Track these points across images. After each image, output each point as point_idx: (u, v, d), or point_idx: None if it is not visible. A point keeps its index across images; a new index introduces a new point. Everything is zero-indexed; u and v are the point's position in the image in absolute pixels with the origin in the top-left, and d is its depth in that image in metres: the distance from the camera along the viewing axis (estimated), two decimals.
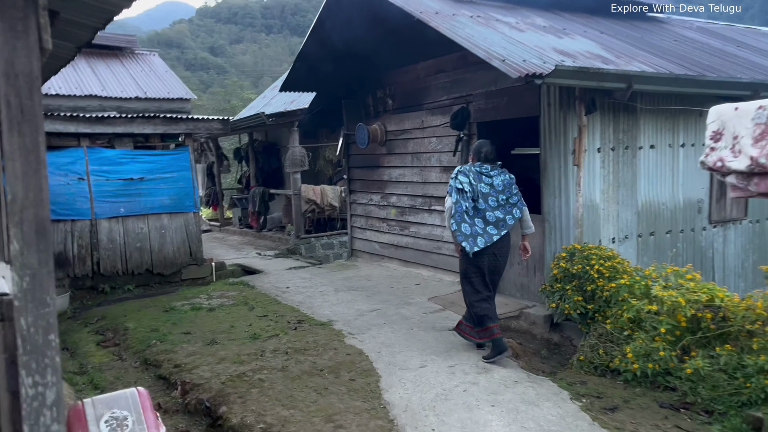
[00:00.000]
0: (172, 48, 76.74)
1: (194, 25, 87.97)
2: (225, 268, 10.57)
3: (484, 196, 5.40)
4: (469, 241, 5.29)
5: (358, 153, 10.44)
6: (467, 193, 5.32)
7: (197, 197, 10.13)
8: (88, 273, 9.22)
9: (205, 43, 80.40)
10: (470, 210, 5.34)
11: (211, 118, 10.05)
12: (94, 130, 9.10)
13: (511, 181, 5.56)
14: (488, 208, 5.37)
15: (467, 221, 5.32)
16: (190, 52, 75.77)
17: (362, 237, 10.65)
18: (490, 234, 5.34)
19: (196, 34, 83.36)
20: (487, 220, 5.37)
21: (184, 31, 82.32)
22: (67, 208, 9.04)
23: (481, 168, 5.50)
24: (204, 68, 70.70)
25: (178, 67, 70.35)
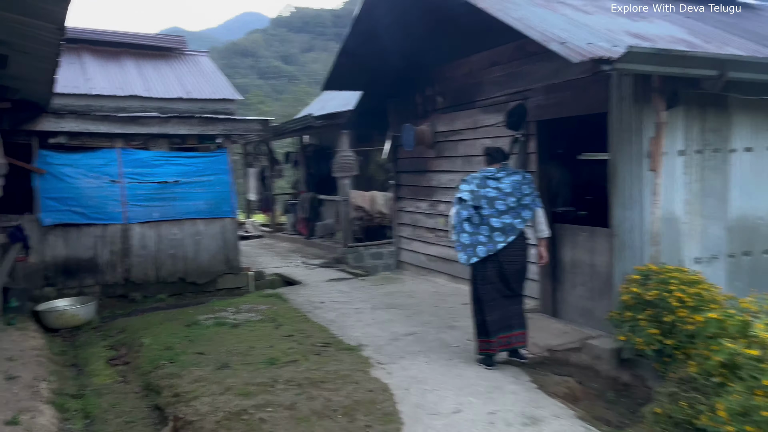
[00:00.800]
0: (247, 57, 78.83)
1: (268, 34, 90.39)
2: (264, 278, 9.96)
3: (490, 201, 5.18)
4: (467, 251, 5.23)
5: (405, 156, 9.60)
6: (467, 201, 5.21)
7: (235, 202, 9.58)
8: (118, 280, 8.79)
9: (278, 52, 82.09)
10: (474, 217, 5.20)
11: (250, 119, 9.48)
12: (128, 131, 8.68)
13: (524, 181, 5.29)
14: (494, 213, 5.16)
15: (467, 230, 5.22)
16: (263, 61, 77.55)
17: (409, 248, 9.80)
18: (496, 241, 5.14)
19: (269, 43, 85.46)
20: (493, 226, 5.15)
21: (259, 41, 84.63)
22: (99, 212, 8.65)
23: (485, 172, 5.36)
24: (276, 76, 72.14)
25: (252, 76, 72.08)
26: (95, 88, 10.46)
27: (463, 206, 5.25)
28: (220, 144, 9.56)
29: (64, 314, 7.67)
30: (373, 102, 9.68)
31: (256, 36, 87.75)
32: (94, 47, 12.07)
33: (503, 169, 5.36)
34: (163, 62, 12.34)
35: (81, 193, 8.51)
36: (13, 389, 4.97)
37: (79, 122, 8.34)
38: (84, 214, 8.56)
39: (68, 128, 8.28)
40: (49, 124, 8.18)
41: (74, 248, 8.52)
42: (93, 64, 11.40)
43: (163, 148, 9.09)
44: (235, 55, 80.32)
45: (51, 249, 8.40)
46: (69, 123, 8.29)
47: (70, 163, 8.48)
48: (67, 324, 7.66)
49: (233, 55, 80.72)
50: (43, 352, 6.25)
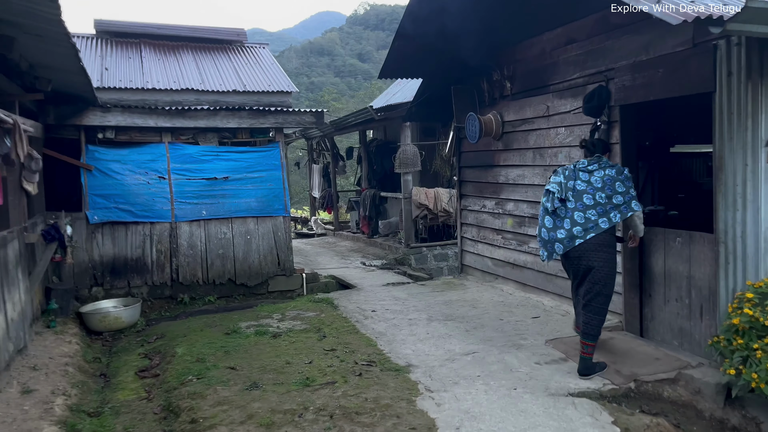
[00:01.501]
0: (323, 56, 79.75)
1: (344, 32, 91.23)
2: (318, 280, 9.37)
3: (577, 195, 4.84)
4: (547, 247, 4.96)
5: (470, 150, 8.72)
6: (554, 193, 4.90)
7: (287, 199, 9.02)
8: (166, 281, 8.42)
9: (354, 50, 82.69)
10: (560, 210, 4.87)
11: (302, 111, 8.88)
12: (175, 124, 8.28)
13: (618, 177, 4.82)
14: (578, 207, 4.81)
15: (547, 225, 4.94)
16: (339, 59, 78.18)
17: (473, 251, 8.91)
18: (574, 237, 4.79)
19: (345, 41, 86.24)
20: (575, 220, 4.80)
21: (335, 39, 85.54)
22: (146, 210, 8.30)
23: (578, 163, 4.99)
24: (352, 74, 72.50)
25: (328, 74, 72.83)
26: (150, 81, 10.20)
27: (549, 198, 4.93)
28: (272, 138, 9.02)
29: (107, 317, 7.34)
30: (435, 90, 8.86)
31: (333, 34, 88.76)
32: (154, 42, 11.90)
33: (597, 161, 4.92)
34: (222, 55, 12.01)
35: (128, 190, 8.18)
36: (24, 405, 4.54)
37: (125, 116, 8.01)
38: (131, 212, 8.23)
39: (114, 122, 7.96)
40: (94, 118, 7.88)
41: (122, 247, 8.21)
42: (151, 58, 11.19)
43: (212, 142, 8.65)
44: (312, 53, 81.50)
45: (99, 248, 8.12)
46: (115, 117, 7.96)
47: (117, 158, 8.17)
48: (110, 327, 7.33)
49: (310, 54, 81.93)
50: (74, 359, 5.86)
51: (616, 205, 4.75)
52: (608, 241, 4.79)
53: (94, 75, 10.04)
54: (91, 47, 11.15)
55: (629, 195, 4.79)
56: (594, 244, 4.74)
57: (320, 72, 74.75)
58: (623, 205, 4.77)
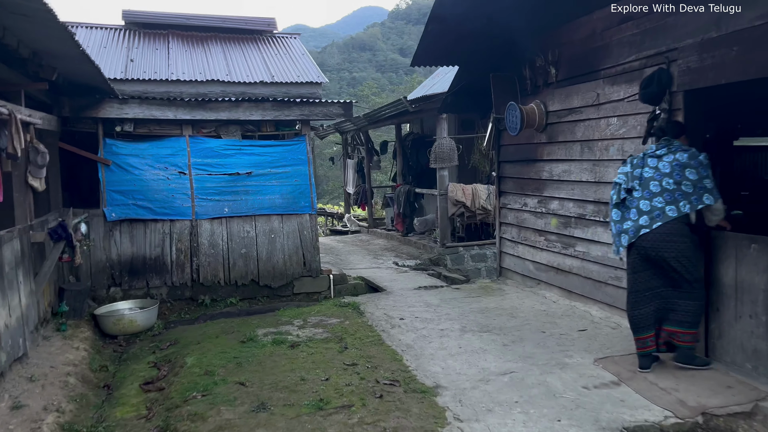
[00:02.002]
0: (365, 51, 79.59)
1: (386, 27, 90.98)
2: (346, 282, 8.83)
3: (644, 183, 4.60)
4: (615, 241, 4.80)
5: (510, 143, 8.02)
6: (620, 185, 4.73)
7: (314, 196, 8.49)
8: (186, 281, 8.02)
9: (395, 45, 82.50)
10: (628, 201, 4.68)
11: (330, 102, 8.34)
12: (195, 117, 7.84)
13: (690, 163, 4.45)
14: (645, 196, 4.57)
15: (614, 218, 4.78)
16: (381, 54, 77.81)
17: (513, 253, 8.22)
18: (639, 226, 4.56)
19: (387, 36, 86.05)
20: (641, 209, 4.58)
21: (377, 34, 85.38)
22: (166, 207, 7.90)
23: (647, 150, 4.74)
24: (393, 69, 72.10)
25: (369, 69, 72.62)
26: (175, 73, 9.83)
27: (616, 190, 4.76)
28: (299, 131, 8.51)
29: (121, 320, 6.96)
30: (473, 79, 8.18)
31: (374, 30, 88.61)
32: (182, 33, 11.55)
33: (666, 145, 4.63)
34: (251, 46, 11.58)
35: (147, 185, 7.79)
36: (10, 424, 4.12)
37: (143, 107, 7.61)
38: (150, 208, 7.84)
39: (132, 114, 7.57)
40: (111, 110, 7.50)
41: (140, 246, 7.83)
42: (178, 49, 10.83)
43: (235, 136, 8.19)
44: (354, 49, 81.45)
45: (116, 246, 7.76)
46: (132, 108, 7.57)
47: (136, 152, 7.79)
48: (124, 330, 6.95)
49: (352, 49, 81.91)
50: (78, 368, 5.47)
51: (685, 194, 4.41)
52: (680, 230, 4.46)
53: (118, 67, 9.73)
54: (118, 39, 10.86)
55: (702, 185, 4.40)
56: (662, 233, 4.45)
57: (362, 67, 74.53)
58: (693, 195, 4.41)
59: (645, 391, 4.29)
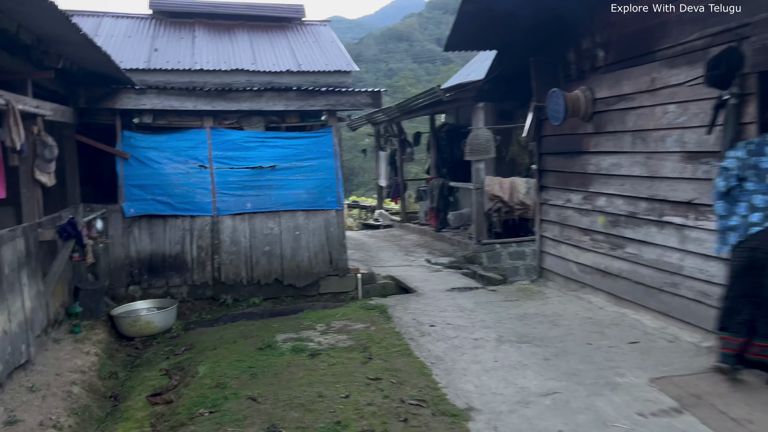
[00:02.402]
0: (402, 42, 78.91)
1: (423, 18, 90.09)
2: (374, 281, 8.35)
3: (761, 174, 4.06)
4: (719, 237, 4.31)
5: (552, 133, 7.40)
6: (730, 170, 4.21)
7: (341, 191, 8.03)
8: (207, 280, 7.66)
9: (433, 35, 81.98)
10: (736, 192, 4.18)
11: (357, 91, 7.84)
12: (215, 107, 7.45)
13: None
14: (761, 189, 4.07)
15: (719, 212, 4.28)
16: (417, 45, 77.03)
17: (554, 252, 7.61)
18: (750, 224, 4.07)
19: (424, 26, 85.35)
20: (754, 204, 4.10)
21: (414, 25, 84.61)
22: (186, 202, 7.54)
23: (766, 135, 4.16)
24: (430, 60, 71.37)
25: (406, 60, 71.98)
26: (199, 62, 9.47)
27: (724, 176, 4.24)
28: (325, 122, 8.04)
29: (138, 321, 6.64)
30: (511, 64, 7.58)
31: (411, 20, 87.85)
32: (208, 21, 11.19)
33: None
34: (278, 34, 11.15)
35: (167, 180, 7.44)
36: None
37: (161, 98, 7.25)
38: (170, 204, 7.49)
39: (150, 105, 7.21)
40: (128, 100, 7.16)
41: (159, 243, 7.50)
42: (204, 38, 10.47)
43: (258, 127, 7.77)
44: (391, 40, 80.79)
45: (135, 243, 7.45)
46: (150, 99, 7.21)
47: (154, 145, 7.44)
48: (141, 332, 6.63)
49: (388, 40, 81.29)
50: (86, 375, 5.13)
51: None
52: None
53: (141, 56, 9.42)
54: (143, 28, 10.56)
55: None
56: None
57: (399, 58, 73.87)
58: None
59: (713, 421, 3.69)
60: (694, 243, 5.12)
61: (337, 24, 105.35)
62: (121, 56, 9.24)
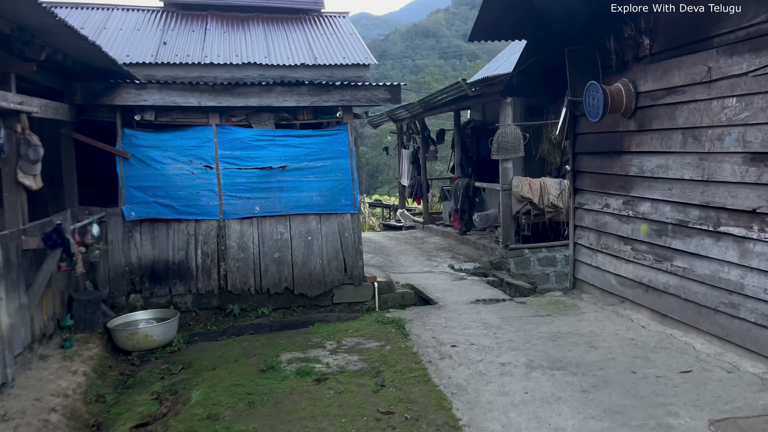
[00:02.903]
0: (428, 38, 78.28)
1: (450, 13, 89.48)
2: (392, 290, 7.76)
3: None
4: None
5: (589, 131, 6.71)
6: None
7: (357, 193, 7.45)
8: (213, 289, 7.15)
9: (459, 31, 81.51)
10: None
11: (374, 85, 7.25)
12: (221, 103, 6.92)
13: None
14: None
15: None
16: (444, 41, 76.36)
17: (590, 262, 6.92)
18: None
19: (451, 22, 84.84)
20: None
21: (440, 21, 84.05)
22: (190, 205, 7.04)
23: None
24: (457, 56, 70.65)
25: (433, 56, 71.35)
26: (210, 56, 8.98)
27: None
28: (340, 119, 7.47)
29: (135, 334, 6.15)
30: (543, 55, 6.89)
31: (438, 16, 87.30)
32: (222, 13, 10.72)
33: None
34: (295, 26, 10.62)
35: (170, 181, 6.95)
36: None
37: (163, 93, 6.74)
38: (173, 207, 7.00)
39: (151, 101, 6.71)
40: (128, 96, 6.67)
41: (162, 248, 7.02)
42: (216, 31, 9.99)
43: (267, 125, 7.23)
44: (417, 36, 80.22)
45: (137, 249, 6.97)
46: (151, 95, 6.71)
47: (157, 144, 6.95)
48: (139, 346, 6.15)
49: (414, 36, 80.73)
50: (69, 399, 4.65)
51: None
52: None
53: (149, 50, 8.97)
54: (154, 21, 10.13)
55: None
56: None
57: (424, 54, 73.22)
58: None
59: None
60: (758, 258, 4.42)
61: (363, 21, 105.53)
62: (128, 50, 8.81)
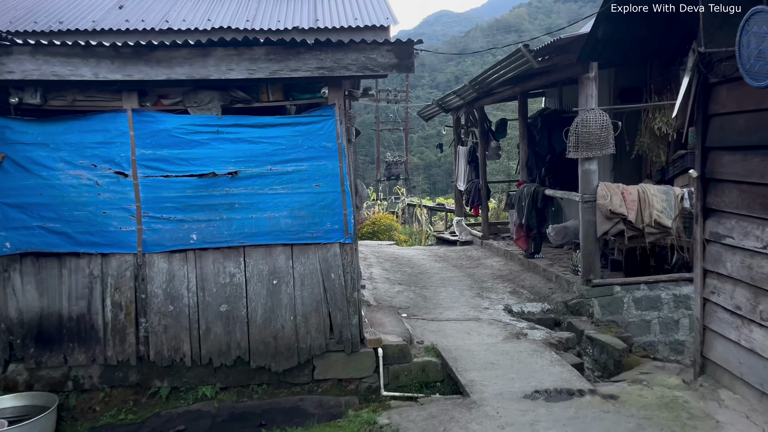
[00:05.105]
0: (510, 33, 75.44)
1: (533, 7, 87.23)
2: (409, 358, 5.09)
3: None
4: None
5: (738, 108, 3.78)
6: None
7: (350, 213, 4.85)
8: (129, 358, 4.75)
9: (542, 25, 78.81)
10: None
11: (368, 42, 4.58)
12: (130, 76, 4.48)
13: None
14: None
15: None
16: (527, 35, 73.26)
17: (735, 338, 3.94)
18: None
19: (534, 16, 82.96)
20: None
21: (522, 15, 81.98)
22: (94, 232, 4.67)
23: None
24: None
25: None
26: (171, 20, 6.62)
27: None
28: (322, 101, 4.87)
29: None
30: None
31: (521, 10, 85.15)
32: None
33: None
34: None
35: (63, 196, 4.63)
36: None
37: (38, 61, 4.37)
38: (68, 234, 4.65)
39: (19, 72, 4.37)
40: None
41: (53, 297, 4.69)
42: None
43: (210, 110, 4.74)
44: (498, 31, 77.40)
45: (15, 297, 4.68)
46: (21, 63, 4.36)
47: (44, 140, 4.63)
48: None
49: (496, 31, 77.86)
50: None
51: None
52: None
53: (95, 15, 6.72)
54: None
55: None
56: None
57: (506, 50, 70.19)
58: None
59: None
60: None
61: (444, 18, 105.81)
62: (66, 14, 6.63)
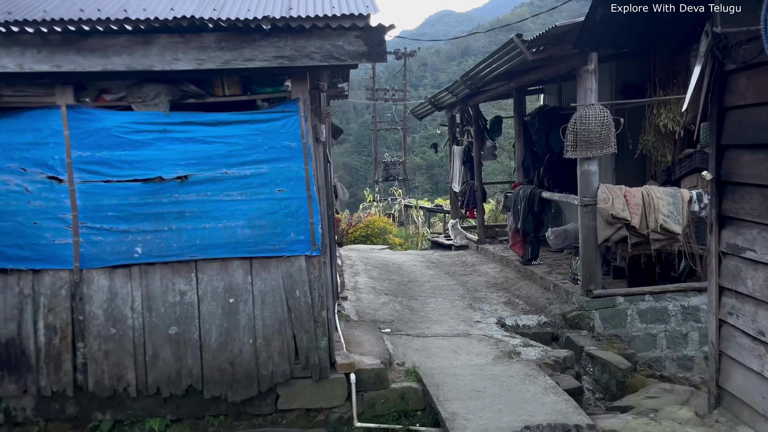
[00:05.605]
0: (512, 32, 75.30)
1: (534, 6, 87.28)
2: (385, 385, 4.52)
3: None
4: None
5: (759, 100, 3.20)
6: None
7: (317, 221, 4.28)
8: (65, 387, 4.19)
9: (545, 24, 78.15)
10: None
11: (336, 28, 4.02)
12: (60, 67, 3.92)
13: None
14: None
15: None
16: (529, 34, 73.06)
17: (757, 368, 3.37)
18: None
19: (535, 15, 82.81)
20: None
21: (524, 14, 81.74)
22: (23, 245, 4.12)
23: None
24: None
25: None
26: (129, 9, 6.06)
27: None
28: (286, 95, 4.31)
29: None
30: None
31: (522, 9, 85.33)
32: None
33: None
34: None
35: None
36: None
37: None
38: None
39: None
40: None
41: None
42: None
43: (157, 106, 4.18)
44: (500, 31, 77.27)
45: None
46: None
47: None
48: None
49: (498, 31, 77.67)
50: None
51: None
52: None
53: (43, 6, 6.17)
54: None
55: None
56: None
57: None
58: None
59: None
60: None
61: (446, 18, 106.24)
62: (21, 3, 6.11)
